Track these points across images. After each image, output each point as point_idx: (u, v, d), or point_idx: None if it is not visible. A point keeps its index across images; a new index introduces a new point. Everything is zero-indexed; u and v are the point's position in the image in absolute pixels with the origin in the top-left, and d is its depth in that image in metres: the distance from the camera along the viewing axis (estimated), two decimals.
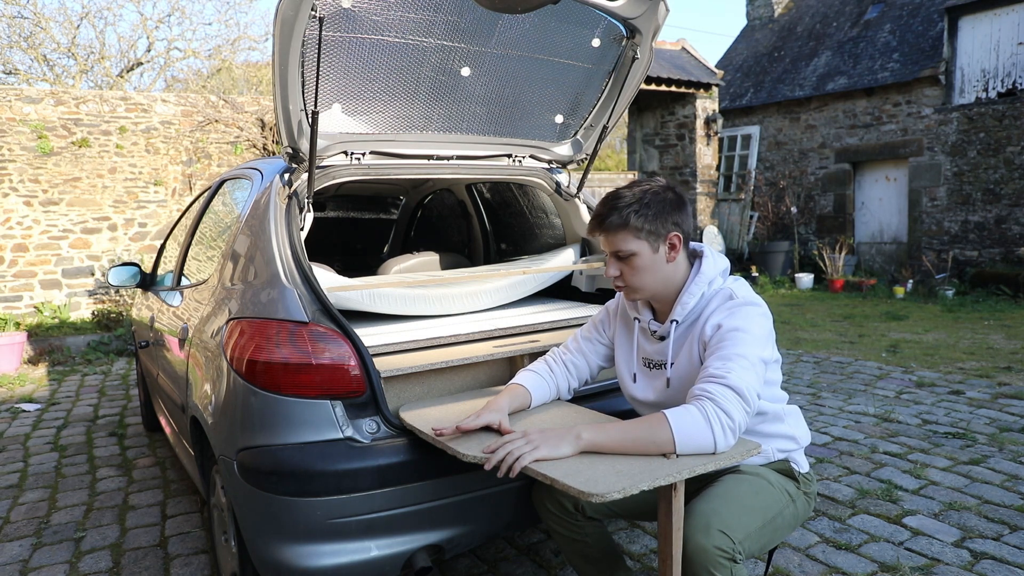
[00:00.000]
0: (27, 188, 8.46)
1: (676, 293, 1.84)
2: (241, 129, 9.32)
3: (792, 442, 1.91)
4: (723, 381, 1.61)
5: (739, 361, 1.64)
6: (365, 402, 1.98)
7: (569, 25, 2.51)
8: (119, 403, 5.40)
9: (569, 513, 1.95)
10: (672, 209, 1.77)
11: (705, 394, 1.60)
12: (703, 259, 1.86)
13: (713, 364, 1.66)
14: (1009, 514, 2.99)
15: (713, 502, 1.69)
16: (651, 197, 1.76)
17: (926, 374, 5.53)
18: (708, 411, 1.57)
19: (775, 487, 1.82)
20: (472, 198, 3.90)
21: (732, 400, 1.59)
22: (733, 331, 1.69)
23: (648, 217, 1.74)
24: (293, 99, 2.25)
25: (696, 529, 1.61)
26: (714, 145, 11.80)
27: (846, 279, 11.16)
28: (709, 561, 1.58)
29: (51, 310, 8.48)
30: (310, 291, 2.09)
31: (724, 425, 1.57)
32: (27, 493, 3.60)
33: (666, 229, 1.77)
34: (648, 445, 1.58)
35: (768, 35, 15.33)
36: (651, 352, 1.93)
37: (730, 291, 1.81)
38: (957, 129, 11.05)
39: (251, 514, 1.99)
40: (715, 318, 1.74)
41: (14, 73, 15.63)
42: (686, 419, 1.57)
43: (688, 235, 1.82)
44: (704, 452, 1.58)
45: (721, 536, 1.60)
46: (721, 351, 1.67)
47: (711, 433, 1.56)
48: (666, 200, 1.77)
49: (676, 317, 1.83)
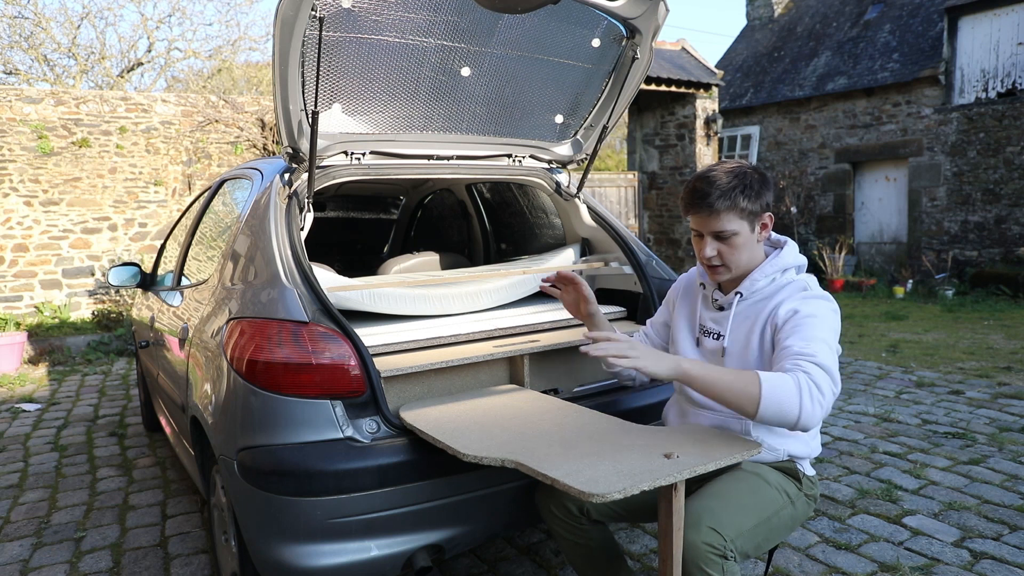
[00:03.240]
0: (27, 188, 8.46)
1: (749, 272, 1.87)
2: (241, 129, 9.32)
3: (805, 447, 1.92)
4: (813, 359, 1.61)
5: (821, 344, 1.65)
6: (365, 402, 1.99)
7: (569, 25, 2.51)
8: (119, 403, 5.40)
9: (573, 516, 1.95)
10: (766, 190, 1.82)
11: (798, 367, 1.60)
12: (785, 246, 1.91)
13: (796, 344, 1.66)
14: (1009, 514, 2.99)
15: (707, 500, 1.70)
16: (750, 179, 1.79)
17: (926, 374, 5.53)
18: (801, 381, 1.57)
19: (773, 487, 1.82)
20: (472, 198, 3.91)
21: (823, 377, 1.59)
22: (810, 317, 1.71)
23: (751, 198, 1.78)
24: (293, 99, 2.25)
25: (687, 525, 1.62)
26: (714, 145, 11.80)
27: (846, 279, 11.16)
28: (699, 557, 1.58)
29: (51, 310, 8.48)
30: (310, 291, 2.09)
31: (814, 398, 1.56)
32: (27, 493, 3.60)
33: (762, 208, 1.82)
34: (737, 395, 1.58)
35: (768, 35, 15.33)
36: (708, 320, 1.97)
37: (805, 283, 1.85)
38: (957, 129, 11.06)
39: (251, 514, 1.99)
40: (789, 304, 1.77)
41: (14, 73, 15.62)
42: (777, 382, 1.57)
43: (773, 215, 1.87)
44: (785, 420, 1.57)
45: (711, 532, 1.60)
46: (800, 333, 1.68)
47: (799, 401, 1.55)
48: (761, 181, 1.81)
49: (741, 290, 1.86)
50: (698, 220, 1.83)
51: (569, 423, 1.92)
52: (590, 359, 2.65)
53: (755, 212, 1.80)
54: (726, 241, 1.81)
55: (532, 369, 2.46)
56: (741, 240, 1.81)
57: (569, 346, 2.52)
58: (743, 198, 1.77)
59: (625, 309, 2.85)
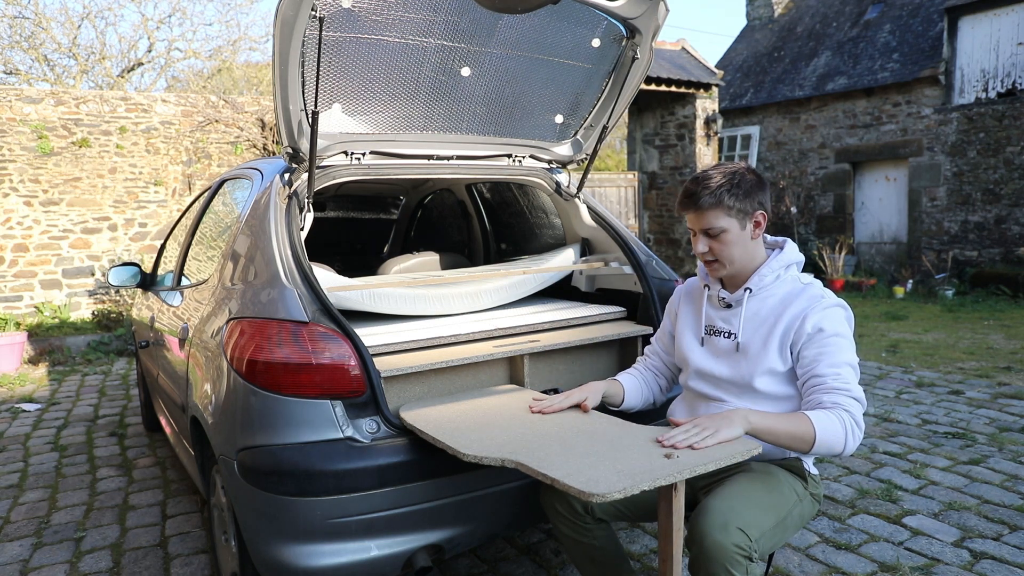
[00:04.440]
0: (27, 188, 8.46)
1: (752, 271, 1.95)
2: (241, 129, 9.32)
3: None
4: (849, 393, 1.77)
5: (848, 370, 1.80)
6: (365, 402, 1.99)
7: (569, 25, 2.51)
8: (119, 403, 5.40)
9: (579, 515, 1.94)
10: (758, 190, 1.90)
11: (839, 405, 1.76)
12: (786, 245, 2.00)
13: (828, 372, 1.79)
14: (1009, 514, 2.99)
15: (730, 500, 1.69)
16: (739, 178, 1.88)
17: (926, 374, 5.53)
18: (845, 421, 1.74)
19: (785, 485, 1.84)
20: (472, 198, 3.90)
21: (859, 410, 1.77)
22: (835, 336, 1.82)
23: (739, 196, 1.86)
24: (293, 99, 2.25)
25: (714, 526, 1.61)
26: (714, 145, 11.79)
27: (846, 279, 11.16)
28: (727, 559, 1.58)
29: (51, 310, 8.48)
30: (310, 291, 2.09)
31: (855, 435, 1.75)
32: (27, 493, 3.60)
33: (753, 208, 1.89)
34: (795, 439, 1.73)
35: (768, 35, 15.33)
36: (717, 320, 2.01)
37: (820, 291, 1.91)
38: (957, 129, 11.05)
39: (251, 514, 1.99)
40: (814, 318, 1.83)
41: (15, 73, 15.62)
42: (827, 423, 1.73)
43: (769, 214, 1.95)
44: (830, 454, 1.77)
45: (739, 534, 1.60)
46: (829, 358, 1.80)
47: (844, 440, 1.74)
48: (752, 181, 1.89)
49: (750, 286, 1.93)
50: (690, 218, 1.93)
51: (569, 423, 1.92)
52: (590, 359, 2.67)
53: (744, 211, 1.88)
54: (716, 238, 1.89)
55: (532, 369, 2.46)
56: (731, 237, 1.88)
57: (569, 346, 2.52)
58: (728, 196, 1.85)
59: (625, 309, 2.85)
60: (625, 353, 2.74)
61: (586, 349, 2.65)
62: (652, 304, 2.70)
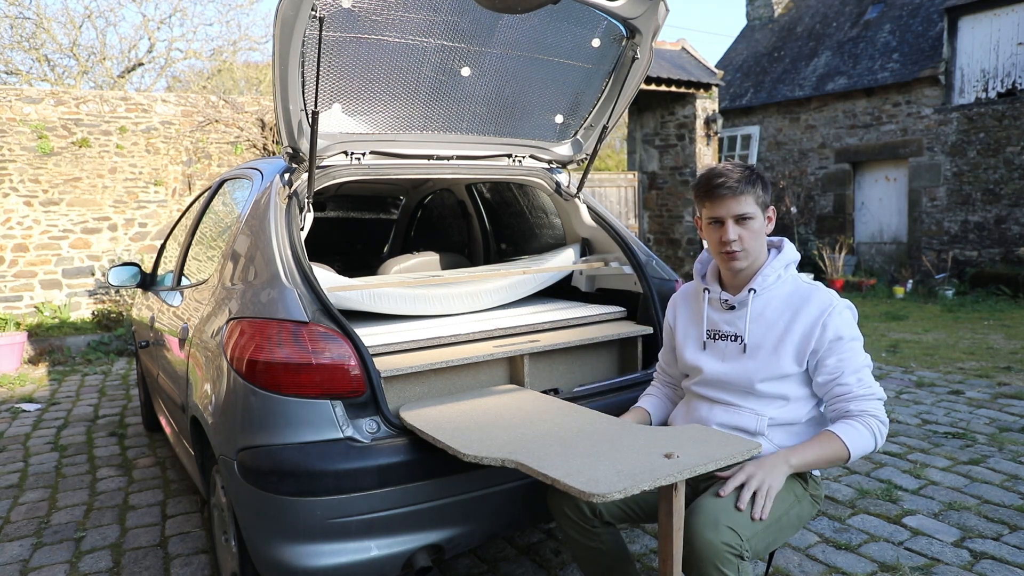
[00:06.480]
0: (27, 188, 8.46)
1: (756, 269, 1.96)
2: (241, 129, 9.32)
3: None
4: (873, 396, 1.85)
5: (867, 372, 1.88)
6: (365, 402, 1.99)
7: (569, 25, 2.51)
8: (119, 403, 5.40)
9: (587, 518, 1.94)
10: (769, 187, 1.97)
11: (865, 412, 1.84)
12: (784, 244, 2.03)
13: (851, 380, 1.85)
14: (1009, 514, 2.99)
15: (722, 499, 1.70)
16: (758, 173, 1.93)
17: (926, 374, 5.53)
18: (872, 426, 1.83)
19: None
20: (472, 198, 3.90)
21: (882, 410, 1.87)
22: (853, 341, 1.87)
23: (764, 188, 1.93)
24: (293, 99, 2.25)
25: (705, 525, 1.62)
26: (714, 145, 11.79)
27: (846, 279, 11.16)
28: (717, 557, 1.59)
29: (51, 310, 8.48)
30: (310, 291, 2.09)
31: (882, 433, 1.85)
32: (27, 493, 3.60)
33: (769, 201, 1.96)
34: (833, 462, 1.84)
35: (768, 35, 15.33)
36: (720, 323, 2.00)
37: (828, 292, 1.92)
38: (957, 129, 11.05)
39: (251, 514, 1.99)
40: (833, 326, 1.86)
41: (15, 73, 15.62)
42: (855, 436, 1.81)
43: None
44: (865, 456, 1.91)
45: (729, 532, 1.61)
46: (850, 364, 1.86)
47: (874, 443, 1.84)
48: (765, 178, 1.96)
49: (754, 286, 1.93)
50: (718, 205, 1.89)
51: (569, 423, 1.92)
52: (590, 359, 2.67)
53: (765, 203, 1.93)
54: (746, 225, 1.89)
55: (532, 369, 2.46)
56: (757, 225, 1.91)
57: (569, 346, 2.52)
58: (759, 186, 1.90)
59: (625, 309, 2.84)
60: (625, 353, 2.74)
61: (586, 349, 2.65)
62: (652, 304, 2.70)
